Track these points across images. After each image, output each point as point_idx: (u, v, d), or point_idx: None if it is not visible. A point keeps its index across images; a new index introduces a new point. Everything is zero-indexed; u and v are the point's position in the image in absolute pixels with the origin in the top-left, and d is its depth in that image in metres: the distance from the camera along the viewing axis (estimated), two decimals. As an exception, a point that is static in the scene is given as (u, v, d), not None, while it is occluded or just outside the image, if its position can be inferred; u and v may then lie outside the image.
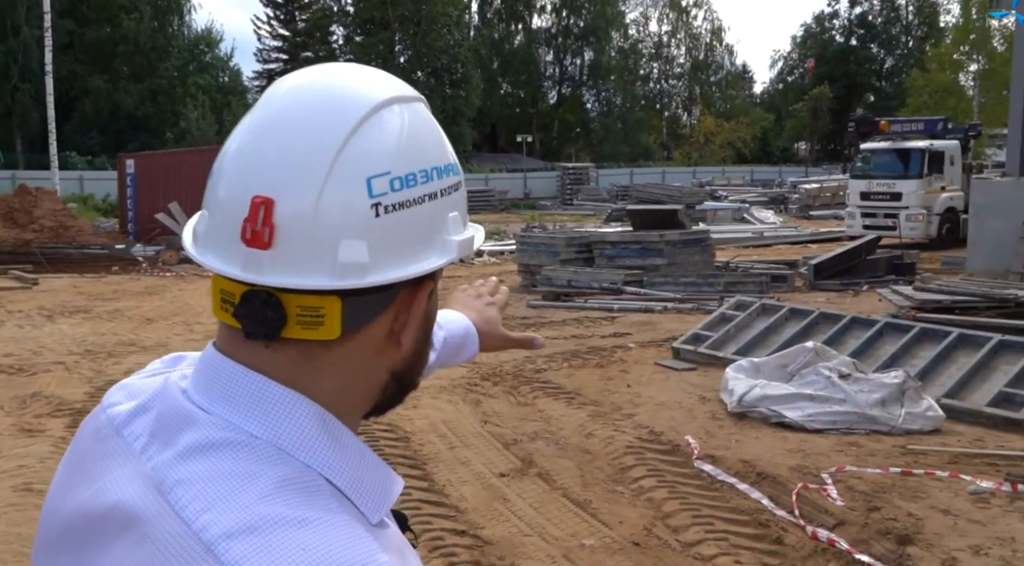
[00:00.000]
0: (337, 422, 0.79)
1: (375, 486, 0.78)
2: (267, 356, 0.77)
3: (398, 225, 0.77)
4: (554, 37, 66.70)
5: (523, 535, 4.68)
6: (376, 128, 0.77)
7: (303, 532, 0.68)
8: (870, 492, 5.12)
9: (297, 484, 0.72)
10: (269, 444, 0.74)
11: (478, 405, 7.13)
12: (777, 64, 80.00)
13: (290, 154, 0.75)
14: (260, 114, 0.79)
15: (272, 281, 0.74)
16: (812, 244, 21.58)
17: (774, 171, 53.40)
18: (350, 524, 0.72)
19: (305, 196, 0.74)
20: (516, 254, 15.73)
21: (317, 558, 0.66)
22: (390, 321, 0.81)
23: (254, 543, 0.67)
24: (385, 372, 0.84)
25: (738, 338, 8.60)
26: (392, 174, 0.77)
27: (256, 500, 0.70)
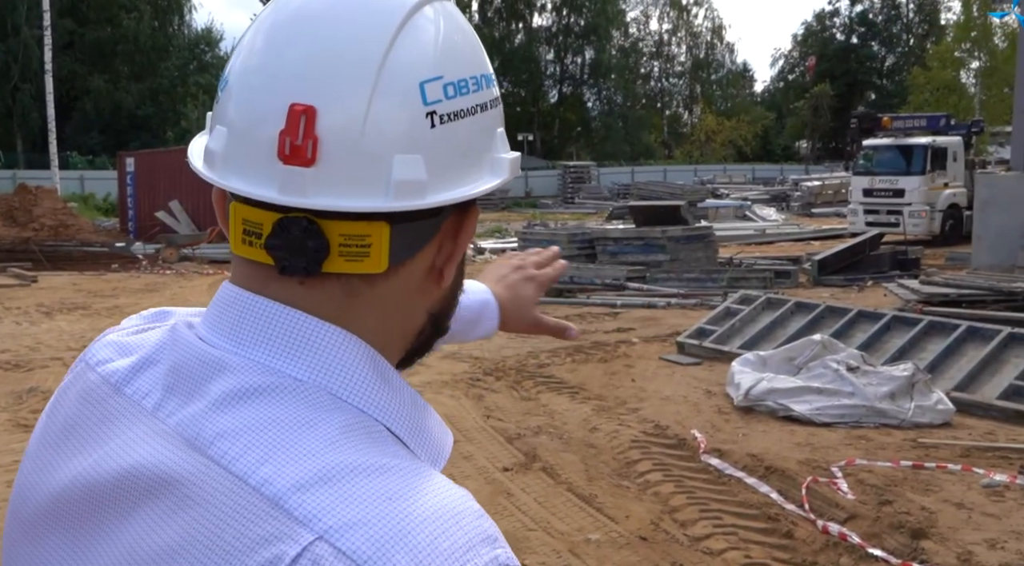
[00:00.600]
0: (387, 364, 0.69)
1: (431, 435, 0.70)
2: (302, 294, 0.67)
3: (453, 138, 0.68)
4: (555, 36, 66.62)
5: (527, 530, 4.58)
6: (422, 27, 0.68)
7: (383, 479, 0.59)
8: (881, 485, 5.02)
9: (360, 430, 0.63)
10: (319, 388, 0.65)
11: (481, 399, 7.03)
12: (778, 62, 79.95)
13: (332, 54, 0.65)
14: (282, 13, 0.68)
15: (319, 203, 0.64)
16: (815, 241, 21.48)
17: (775, 169, 53.31)
18: (429, 472, 0.63)
19: (353, 102, 0.64)
20: (518, 251, 15.62)
21: (404, 507, 0.58)
22: (433, 253, 0.71)
23: (332, 493, 0.58)
24: (423, 312, 0.74)
25: (743, 332, 8.50)
26: (445, 79, 0.67)
27: (322, 448, 0.60)
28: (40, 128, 36.01)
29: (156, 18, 49.43)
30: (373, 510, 0.57)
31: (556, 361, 8.38)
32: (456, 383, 7.54)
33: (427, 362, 8.30)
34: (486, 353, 8.79)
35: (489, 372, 7.93)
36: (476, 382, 7.58)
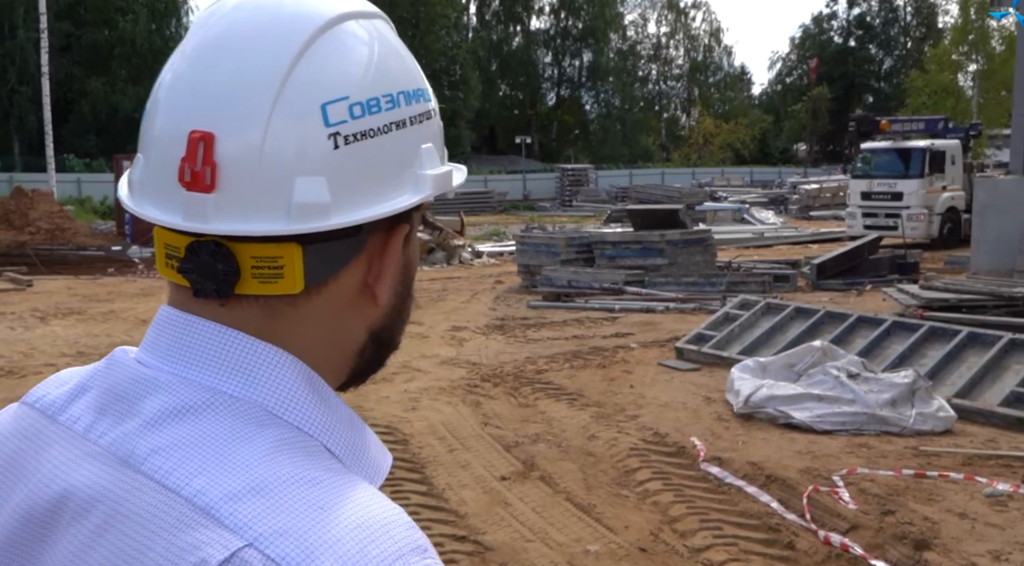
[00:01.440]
0: (323, 382, 0.70)
1: (368, 454, 0.70)
2: (224, 315, 0.68)
3: (362, 158, 0.67)
4: (552, 39, 66.57)
5: (525, 541, 4.52)
6: (330, 47, 0.66)
7: (316, 490, 0.60)
8: (883, 495, 4.96)
9: (295, 445, 0.64)
10: (254, 405, 0.65)
11: (478, 407, 6.97)
12: (776, 65, 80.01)
13: (230, 80, 0.65)
14: (197, 37, 0.68)
15: (220, 228, 0.64)
16: (813, 244, 21.45)
17: (773, 172, 53.33)
18: (363, 485, 0.64)
19: (250, 127, 0.64)
20: (516, 255, 15.58)
21: (335, 517, 0.59)
22: (362, 271, 0.71)
23: (264, 503, 0.59)
24: (362, 331, 0.73)
25: (742, 338, 8.45)
26: (351, 99, 0.67)
27: (256, 460, 0.61)
28: (37, 131, 35.96)
29: (153, 21, 49.31)
30: (304, 519, 0.58)
31: (554, 367, 8.32)
32: (453, 390, 7.47)
33: (423, 368, 8.26)
34: (484, 359, 8.73)
35: (487, 378, 7.86)
36: (474, 389, 7.52)
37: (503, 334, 10.12)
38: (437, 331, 10.34)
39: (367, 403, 7.01)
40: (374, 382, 3.83)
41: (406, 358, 8.76)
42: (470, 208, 36.48)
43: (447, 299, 13.11)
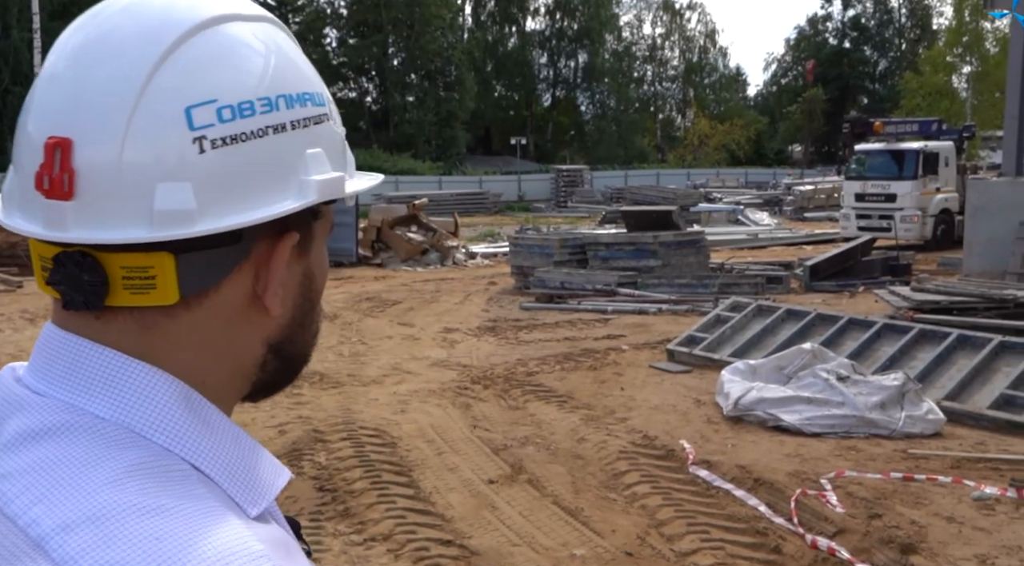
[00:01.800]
0: (204, 400, 0.67)
1: (253, 474, 0.67)
2: (100, 329, 0.65)
3: (232, 162, 0.64)
4: (548, 39, 66.57)
5: (512, 545, 4.51)
6: (200, 50, 0.64)
7: (158, 520, 0.57)
8: (871, 498, 4.95)
9: (154, 468, 0.61)
10: (119, 426, 0.63)
11: (468, 409, 6.95)
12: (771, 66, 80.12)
13: (91, 86, 0.63)
14: (60, 47, 0.67)
15: (79, 237, 0.63)
16: (807, 246, 21.47)
17: (768, 173, 53.38)
18: (217, 511, 0.61)
19: (108, 133, 0.62)
20: (509, 256, 15.56)
21: (172, 548, 0.56)
22: (249, 281, 0.68)
23: (96, 534, 0.56)
24: (259, 344, 0.71)
25: (734, 340, 8.44)
26: (220, 102, 0.64)
27: (102, 486, 0.59)
28: (30, 131, 35.77)
29: (148, 21, 49.27)
30: (136, 552, 0.55)
31: (545, 369, 8.30)
32: (443, 392, 7.45)
33: (414, 370, 8.23)
34: (475, 361, 8.71)
35: (477, 380, 7.84)
36: (464, 391, 7.50)
37: (495, 336, 10.10)
38: (428, 333, 10.32)
39: (356, 405, 6.99)
40: (363, 384, 3.83)
41: (397, 360, 8.75)
42: (465, 209, 36.46)
43: (440, 301, 13.08)
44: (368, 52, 53.93)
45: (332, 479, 5.37)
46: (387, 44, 54.57)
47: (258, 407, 6.90)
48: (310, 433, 6.24)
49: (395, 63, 55.29)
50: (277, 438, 6.14)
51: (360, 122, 55.83)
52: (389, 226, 19.67)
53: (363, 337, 10.03)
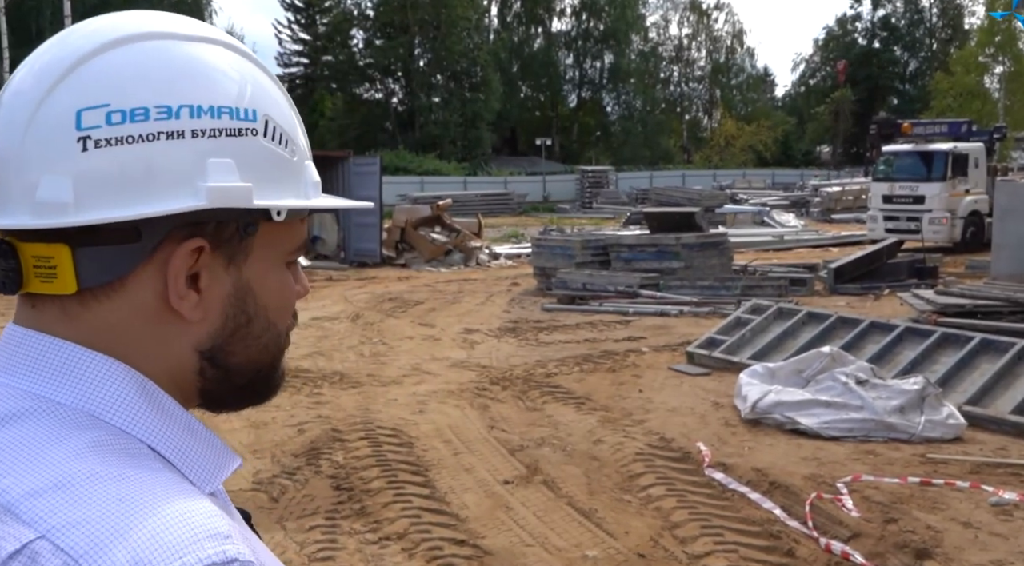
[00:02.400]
0: (157, 389, 0.73)
1: (205, 457, 0.73)
2: (35, 318, 0.72)
3: (115, 161, 0.69)
4: (574, 40, 66.51)
5: (525, 545, 4.53)
6: (110, 61, 0.70)
7: (119, 485, 0.63)
8: (887, 503, 4.93)
9: (113, 446, 0.67)
10: (78, 411, 0.69)
11: (486, 410, 6.98)
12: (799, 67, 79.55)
13: (12, 86, 0.72)
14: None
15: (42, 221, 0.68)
16: (833, 248, 21.29)
17: (795, 174, 53.01)
18: (174, 481, 0.67)
19: (13, 129, 0.70)
20: (532, 257, 15.59)
21: (133, 508, 0.61)
22: (159, 282, 0.72)
23: (62, 498, 0.61)
24: (189, 349, 0.75)
25: (754, 342, 8.41)
26: (112, 107, 0.69)
27: (64, 459, 0.64)
28: (62, 132, 36.34)
29: (177, 23, 49.84)
30: (98, 511, 0.60)
31: (564, 370, 8.32)
32: (462, 393, 7.49)
33: (433, 370, 8.28)
34: (494, 362, 8.75)
35: (496, 381, 7.88)
36: (482, 392, 7.53)
37: (515, 337, 10.13)
38: (449, 334, 10.37)
39: (375, 405, 7.05)
40: (383, 384, 3.89)
41: (417, 360, 8.80)
42: (489, 210, 36.54)
43: (462, 301, 13.14)
44: (394, 53, 54.14)
45: (349, 478, 5.42)
46: (413, 45, 54.77)
47: (278, 406, 6.99)
48: (329, 432, 6.30)
49: (421, 64, 55.48)
50: (296, 437, 6.20)
51: (386, 123, 56.09)
52: (413, 227, 19.77)
53: (384, 337, 10.10)
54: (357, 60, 56.32)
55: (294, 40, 57.80)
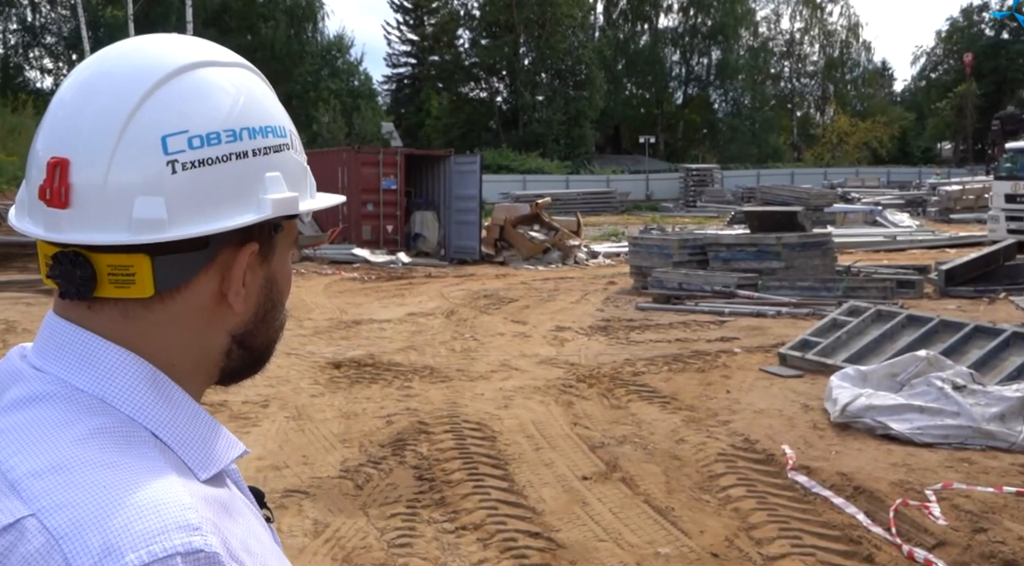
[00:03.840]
0: (169, 381, 0.81)
1: (207, 445, 0.81)
2: (90, 317, 0.80)
3: (199, 181, 0.78)
4: (681, 37, 65.65)
5: (598, 540, 4.57)
6: (177, 89, 0.79)
7: (108, 472, 0.71)
8: (977, 512, 4.75)
9: (115, 432, 0.75)
10: (93, 397, 0.77)
11: (570, 407, 7.04)
12: (919, 60, 76.32)
13: (85, 116, 0.78)
14: (77, 77, 0.81)
15: (71, 238, 0.77)
16: (950, 249, 20.38)
17: (913, 172, 50.93)
18: (161, 470, 0.74)
19: (98, 155, 0.77)
20: (629, 256, 15.52)
21: (114, 496, 0.69)
22: (215, 282, 0.83)
23: (57, 481, 0.70)
24: (224, 335, 0.85)
25: (849, 345, 8.18)
26: (191, 133, 0.78)
27: (68, 444, 0.73)
28: (184, 133, 38.12)
29: (292, 26, 51.53)
30: (84, 496, 0.68)
31: (652, 369, 8.28)
32: (548, 389, 7.56)
33: (522, 367, 8.39)
34: (583, 360, 8.79)
35: (583, 379, 7.92)
36: (568, 389, 7.59)
37: (606, 335, 10.14)
38: (540, 331, 10.45)
39: (462, 399, 7.20)
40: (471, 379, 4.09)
41: (506, 357, 8.93)
42: (591, 208, 36.49)
43: (556, 299, 13.20)
44: (499, 52, 54.61)
45: (431, 469, 5.57)
46: (518, 44, 55.12)
47: (369, 398, 7.22)
48: (415, 425, 6.47)
49: (526, 63, 55.78)
50: (384, 428, 6.40)
51: (490, 122, 56.63)
52: (512, 225, 19.94)
53: (476, 333, 10.27)
54: (463, 60, 57.07)
55: (402, 41, 59.04)
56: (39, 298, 12.43)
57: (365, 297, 13.64)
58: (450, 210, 20.48)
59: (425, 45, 58.06)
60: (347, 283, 15.44)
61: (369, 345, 9.51)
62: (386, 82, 61.18)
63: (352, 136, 43.40)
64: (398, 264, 18.64)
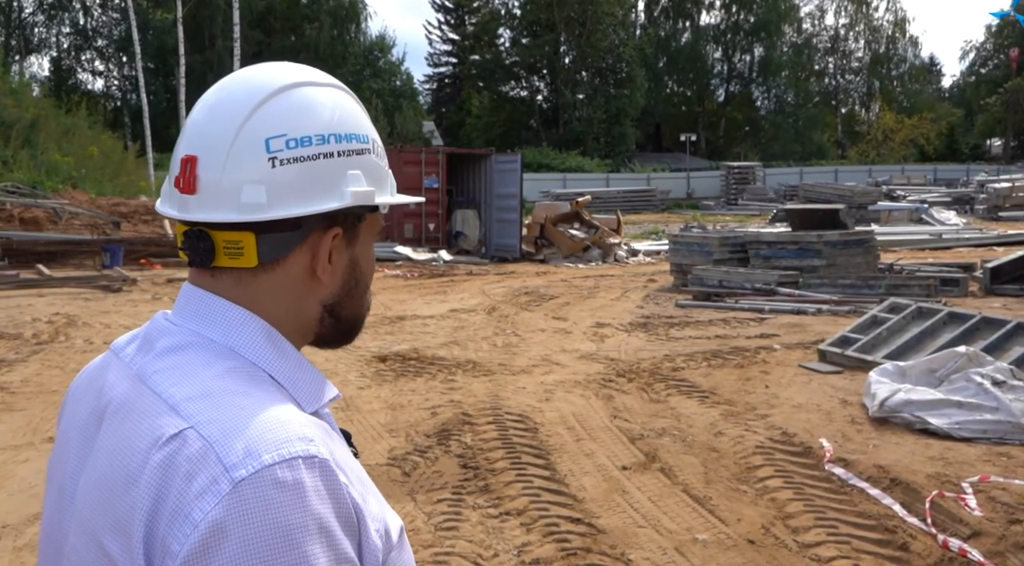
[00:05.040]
0: (280, 335, 1.03)
1: (309, 386, 1.03)
2: (212, 282, 1.03)
3: (293, 174, 1.00)
4: (723, 34, 65.21)
5: (637, 526, 4.72)
6: (280, 104, 1.00)
7: (243, 398, 0.93)
8: (1014, 504, 4.81)
9: (243, 372, 0.98)
10: (223, 346, 1.00)
11: (610, 400, 7.18)
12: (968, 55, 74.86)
13: (211, 125, 1.01)
14: (209, 94, 1.05)
15: (195, 217, 1.01)
16: (997, 247, 20.11)
17: (961, 169, 50.10)
18: (281, 400, 0.96)
19: (218, 154, 0.99)
20: (669, 254, 15.59)
21: (250, 414, 0.91)
22: (307, 258, 1.03)
23: (205, 403, 0.92)
24: (316, 304, 1.05)
25: (890, 342, 8.21)
26: (288, 136, 1.00)
27: (211, 378, 0.95)
28: (230, 133, 38.82)
29: (335, 27, 52.16)
30: (228, 414, 0.91)
31: (691, 365, 8.39)
32: (588, 383, 7.71)
33: (562, 362, 8.54)
34: (623, 355, 8.92)
35: (622, 373, 8.05)
36: (608, 383, 7.73)
37: (646, 332, 10.25)
38: (580, 327, 10.60)
39: (504, 392, 7.38)
40: (512, 373, 4.37)
41: (547, 352, 9.09)
42: (632, 207, 36.49)
43: (596, 297, 13.33)
44: (540, 51, 54.74)
45: (475, 458, 5.76)
46: (559, 43, 55.19)
47: (414, 391, 7.44)
48: (459, 416, 6.66)
49: (566, 61, 55.82)
50: (429, 419, 6.60)
51: (531, 120, 56.77)
52: (552, 223, 20.08)
53: (517, 329, 10.44)
54: (504, 59, 57.30)
55: (443, 40, 59.42)
56: (96, 294, 12.86)
57: (408, 294, 13.89)
58: (491, 208, 20.69)
59: (466, 44, 58.38)
60: (390, 280, 15.71)
61: (413, 340, 9.74)
62: (427, 81, 61.71)
63: (394, 135, 43.86)
64: (440, 262, 18.89)
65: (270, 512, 0.85)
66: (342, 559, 0.87)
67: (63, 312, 11.12)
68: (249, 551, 0.83)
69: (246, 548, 0.84)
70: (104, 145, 27.95)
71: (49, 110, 26.85)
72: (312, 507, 0.86)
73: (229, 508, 0.85)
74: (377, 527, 0.95)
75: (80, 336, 9.84)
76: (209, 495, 0.85)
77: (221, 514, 0.84)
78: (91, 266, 15.84)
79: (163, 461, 0.89)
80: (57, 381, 7.75)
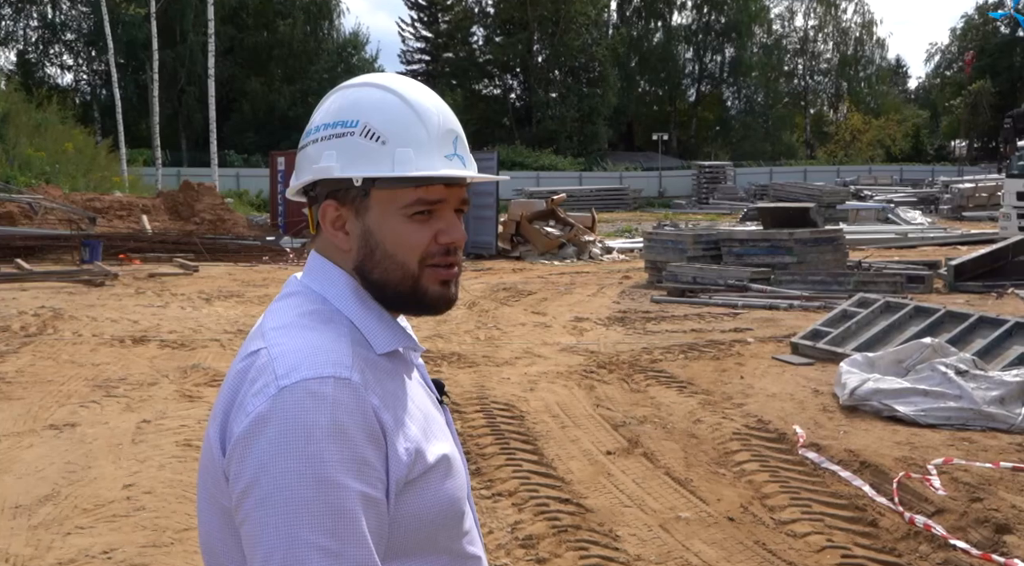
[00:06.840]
0: (364, 291, 1.28)
1: (384, 331, 1.26)
2: (319, 247, 1.33)
3: (298, 157, 1.33)
4: (694, 34, 65.77)
5: (623, 506, 4.97)
6: (333, 99, 1.33)
7: (308, 332, 1.20)
8: (975, 484, 5.12)
9: (321, 314, 1.24)
10: (318, 294, 1.27)
11: (592, 390, 7.43)
12: (934, 58, 76.17)
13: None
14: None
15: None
16: (961, 246, 20.65)
17: (926, 170, 51.04)
18: (340, 338, 1.20)
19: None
20: (644, 251, 15.90)
21: (307, 343, 1.17)
22: (327, 227, 1.29)
23: (281, 332, 1.21)
24: (351, 267, 1.29)
25: (859, 335, 8.54)
26: (316, 122, 1.31)
27: (293, 316, 1.24)
28: (202, 128, 38.75)
29: (308, 23, 51.99)
30: (291, 341, 1.18)
31: (669, 357, 8.67)
32: (570, 374, 7.96)
33: (544, 354, 8.79)
34: (602, 348, 9.18)
35: (603, 365, 8.31)
36: (590, 374, 7.99)
37: (623, 326, 10.53)
38: (560, 321, 10.85)
39: (489, 383, 7.61)
40: (496, 365, 4.70)
41: (528, 345, 9.33)
42: (605, 205, 36.80)
43: (573, 292, 13.60)
44: (513, 50, 54.98)
45: (466, 444, 5.97)
46: (532, 41, 55.46)
47: (402, 380, 7.61)
48: (448, 405, 6.87)
49: (539, 60, 56.10)
50: (418, 407, 6.80)
51: (504, 119, 56.98)
52: (528, 221, 20.32)
53: (498, 323, 10.68)
54: (477, 57, 57.45)
55: (417, 38, 59.38)
56: (79, 288, 12.90)
57: (388, 289, 14.04)
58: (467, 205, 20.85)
59: (439, 42, 58.43)
60: (369, 276, 15.84)
61: (397, 333, 9.92)
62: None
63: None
64: (417, 258, 19.03)
65: (300, 412, 1.10)
66: (355, 458, 1.09)
67: (48, 306, 11.18)
68: (281, 437, 1.09)
69: (279, 435, 1.09)
70: (76, 140, 27.78)
71: (19, 105, 26.63)
72: (334, 414, 1.10)
73: (272, 405, 1.11)
74: (407, 447, 1.16)
75: (68, 328, 9.93)
76: (261, 395, 1.12)
77: (266, 409, 1.11)
78: (69, 261, 15.84)
79: (242, 369, 1.19)
80: (51, 371, 7.87)
